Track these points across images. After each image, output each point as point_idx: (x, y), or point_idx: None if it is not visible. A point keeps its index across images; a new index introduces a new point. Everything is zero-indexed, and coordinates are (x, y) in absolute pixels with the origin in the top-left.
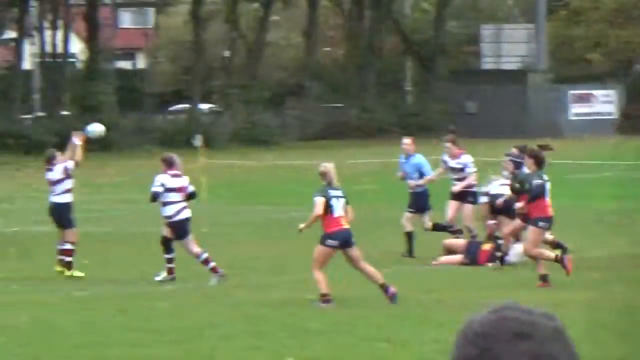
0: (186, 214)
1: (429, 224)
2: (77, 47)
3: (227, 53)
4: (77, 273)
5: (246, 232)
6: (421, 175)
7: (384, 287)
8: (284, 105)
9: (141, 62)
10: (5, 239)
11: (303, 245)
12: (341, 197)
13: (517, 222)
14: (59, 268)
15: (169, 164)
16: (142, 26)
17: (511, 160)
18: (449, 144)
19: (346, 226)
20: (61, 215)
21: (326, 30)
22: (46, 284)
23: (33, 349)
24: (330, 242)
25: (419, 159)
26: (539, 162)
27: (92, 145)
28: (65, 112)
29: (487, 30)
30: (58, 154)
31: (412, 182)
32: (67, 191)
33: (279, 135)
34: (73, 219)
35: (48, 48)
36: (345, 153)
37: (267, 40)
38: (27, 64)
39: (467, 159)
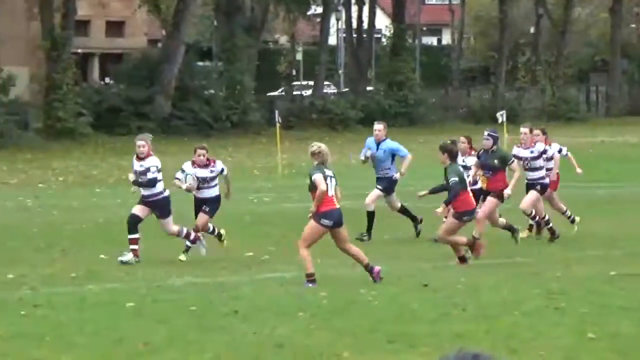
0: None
1: (398, 204)
2: (382, 22)
3: (533, 29)
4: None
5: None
6: (393, 159)
7: (368, 268)
8: (588, 82)
9: (447, 38)
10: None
11: (605, 223)
12: (333, 177)
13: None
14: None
15: None
16: (448, 2)
17: (490, 136)
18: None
19: (338, 206)
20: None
21: (633, 7)
22: (347, 259)
23: (331, 323)
24: (325, 221)
25: (390, 143)
26: (453, 156)
27: (400, 119)
28: (370, 88)
29: None
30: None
31: (398, 175)
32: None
33: (584, 111)
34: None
35: (354, 24)
36: None
37: (573, 16)
38: (332, 40)
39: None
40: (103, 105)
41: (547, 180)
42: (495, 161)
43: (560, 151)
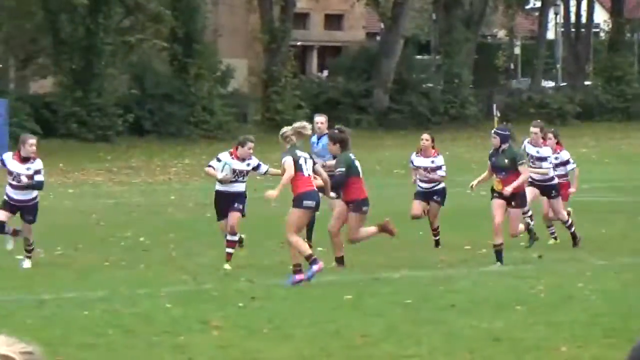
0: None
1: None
2: (600, 17)
3: None
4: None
5: None
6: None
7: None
8: None
9: None
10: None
11: None
12: (308, 158)
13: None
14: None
15: None
16: None
17: (497, 134)
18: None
19: (316, 188)
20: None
21: None
22: (567, 254)
23: (549, 317)
24: (307, 202)
25: None
26: (344, 145)
27: (617, 114)
28: (588, 83)
29: None
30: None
31: (328, 162)
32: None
33: None
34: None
35: (572, 18)
36: None
37: None
38: (550, 34)
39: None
40: (321, 97)
41: (555, 181)
42: (506, 161)
43: (567, 162)
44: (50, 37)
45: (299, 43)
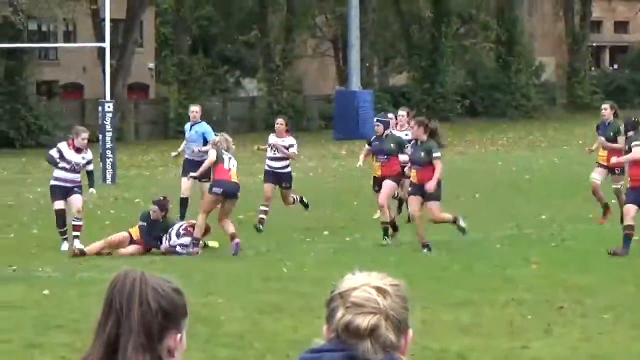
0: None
1: (186, 193)
2: None
3: None
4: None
5: None
6: (205, 142)
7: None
8: None
9: None
10: None
11: None
12: (232, 158)
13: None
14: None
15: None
16: None
17: (380, 122)
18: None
19: (234, 180)
20: None
21: None
22: None
23: None
24: (215, 189)
25: (204, 126)
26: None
27: None
28: None
29: None
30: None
31: (196, 148)
32: None
33: None
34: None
35: None
36: None
37: None
38: None
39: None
40: (612, 85)
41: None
42: (392, 145)
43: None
44: (404, 42)
45: (594, 44)
